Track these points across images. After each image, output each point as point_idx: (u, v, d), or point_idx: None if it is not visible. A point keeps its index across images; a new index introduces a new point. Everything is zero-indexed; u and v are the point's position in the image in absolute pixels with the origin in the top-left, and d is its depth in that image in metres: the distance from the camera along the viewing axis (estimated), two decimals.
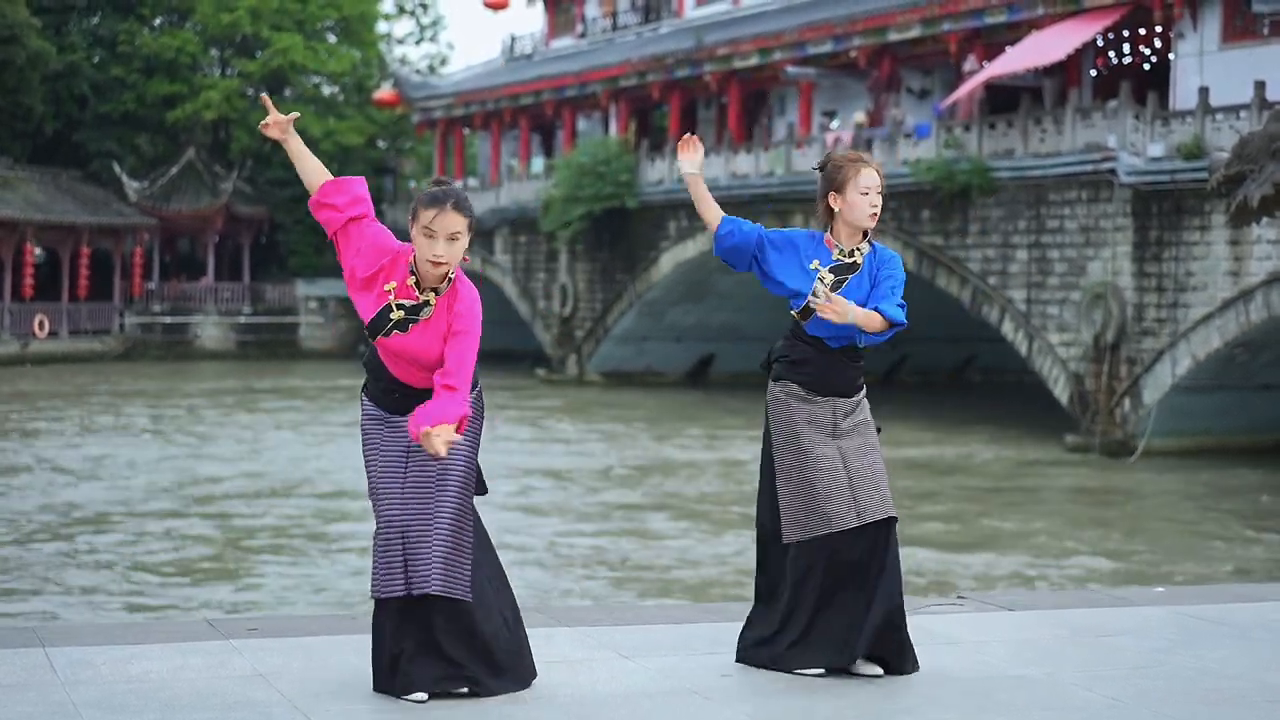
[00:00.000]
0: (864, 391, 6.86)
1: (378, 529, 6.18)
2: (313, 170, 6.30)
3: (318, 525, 22.07)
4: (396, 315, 6.13)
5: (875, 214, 6.74)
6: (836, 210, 6.74)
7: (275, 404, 40.90)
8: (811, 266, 6.71)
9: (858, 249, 6.76)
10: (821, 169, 6.85)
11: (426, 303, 6.13)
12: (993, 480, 27.73)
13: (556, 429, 35.07)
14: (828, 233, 6.80)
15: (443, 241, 6.05)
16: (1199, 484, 27.45)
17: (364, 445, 6.29)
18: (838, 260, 6.73)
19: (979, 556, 20.43)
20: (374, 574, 6.16)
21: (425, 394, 6.10)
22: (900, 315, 6.63)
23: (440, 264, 6.07)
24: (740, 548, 20.71)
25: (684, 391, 45.18)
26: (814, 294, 6.62)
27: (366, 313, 6.20)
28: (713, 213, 6.84)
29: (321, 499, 24.46)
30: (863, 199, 6.70)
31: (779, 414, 6.76)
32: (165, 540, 20.58)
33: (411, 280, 6.15)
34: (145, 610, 16.40)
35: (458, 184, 6.43)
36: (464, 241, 6.10)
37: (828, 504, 6.60)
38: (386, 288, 6.16)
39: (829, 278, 6.68)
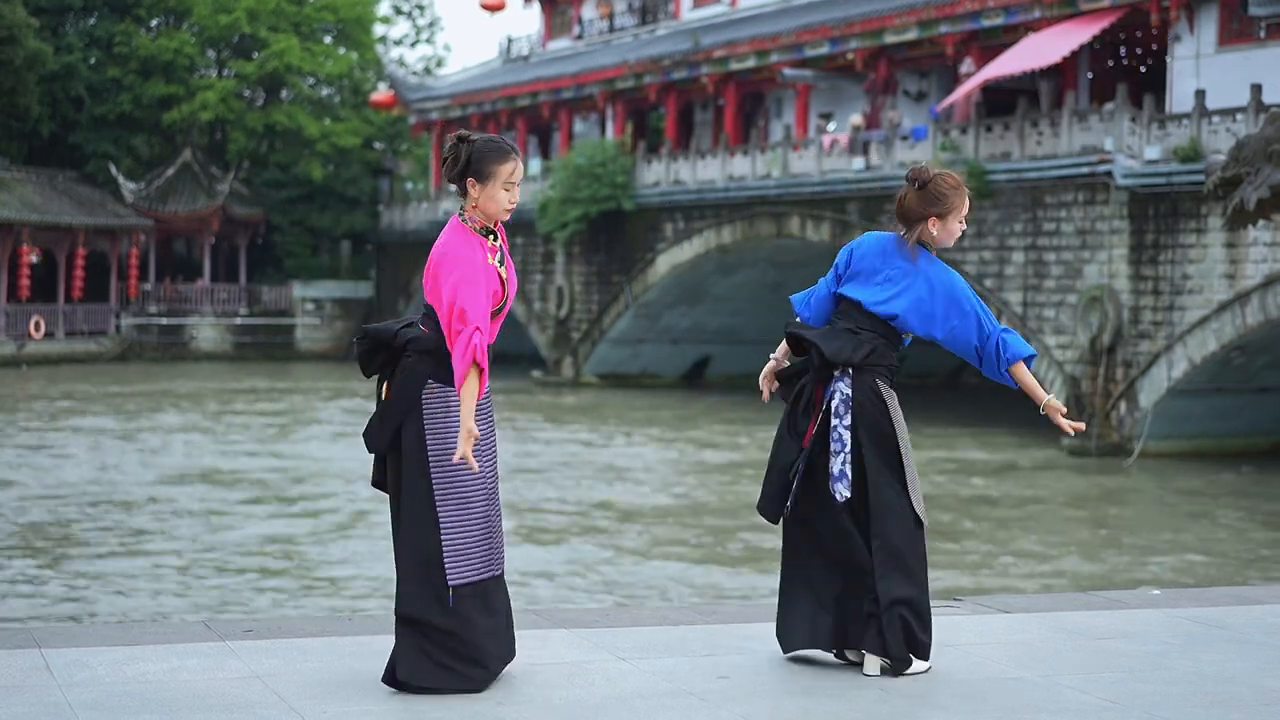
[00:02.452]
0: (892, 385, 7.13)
1: (485, 513, 6.26)
2: (475, 388, 6.15)
3: (304, 524, 22.07)
4: (502, 273, 6.33)
5: (953, 241, 7.06)
6: (934, 232, 6.89)
7: (271, 404, 40.92)
8: None
9: None
10: (920, 186, 6.87)
11: (502, 247, 6.39)
12: (988, 483, 27.74)
13: (552, 431, 35.06)
14: (912, 241, 6.93)
15: (515, 191, 6.31)
16: (1195, 487, 27.45)
17: (453, 433, 6.26)
18: None
19: (975, 559, 20.44)
20: (487, 555, 6.26)
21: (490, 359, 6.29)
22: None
23: (508, 212, 6.33)
24: (738, 551, 20.71)
25: (680, 394, 45.18)
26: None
27: (494, 296, 6.24)
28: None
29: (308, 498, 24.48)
30: (957, 226, 6.96)
31: (898, 417, 6.91)
32: (159, 541, 20.58)
33: (491, 240, 6.33)
34: (141, 612, 16.39)
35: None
36: None
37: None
38: (491, 262, 6.27)
39: None
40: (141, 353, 58.82)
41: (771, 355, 7.10)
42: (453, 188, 6.48)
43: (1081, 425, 7.15)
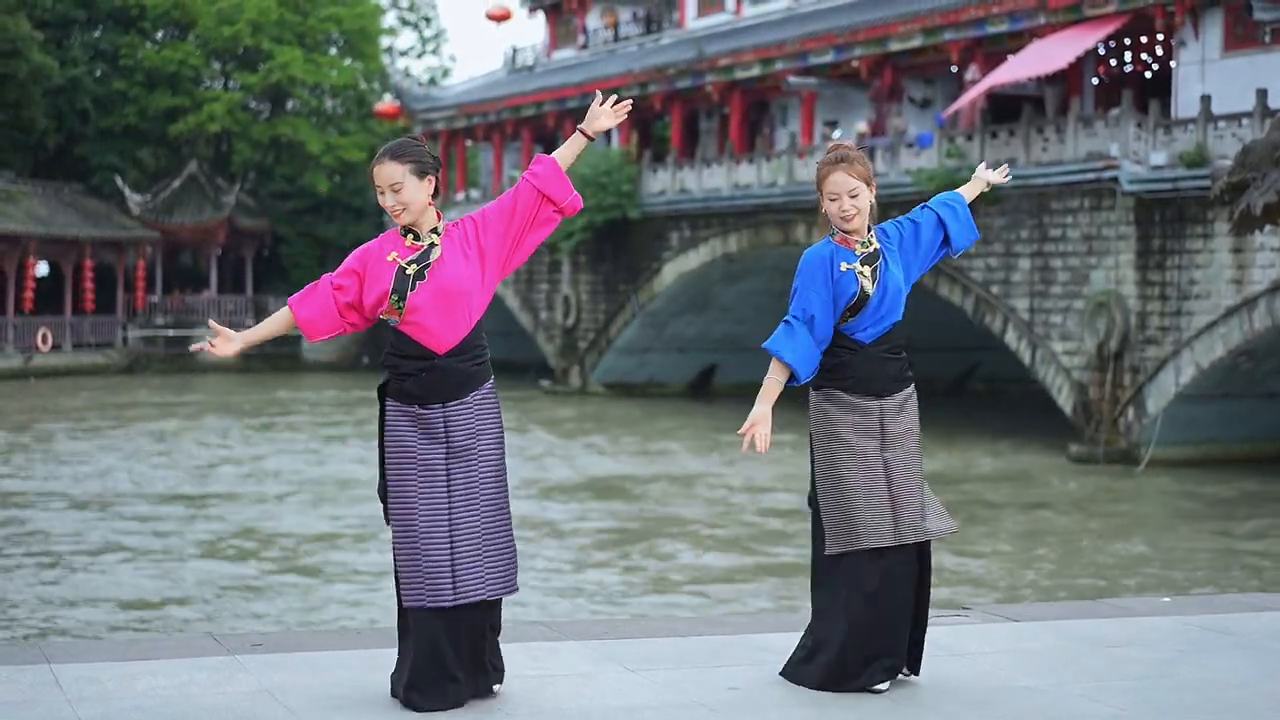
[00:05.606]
0: (911, 388, 6.74)
1: (414, 537, 6.12)
2: (279, 324, 6.32)
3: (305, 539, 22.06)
4: (412, 269, 6.20)
5: (847, 218, 6.65)
6: (824, 210, 6.74)
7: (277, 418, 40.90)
8: (844, 268, 6.62)
9: (870, 239, 6.72)
10: None
11: (432, 244, 6.25)
12: (996, 490, 27.70)
13: (559, 441, 35.05)
14: (836, 234, 6.75)
15: (390, 194, 6.20)
16: (1203, 493, 27.41)
17: (393, 449, 6.21)
18: (863, 253, 6.68)
19: (983, 567, 20.41)
20: (420, 583, 6.11)
21: (455, 366, 6.15)
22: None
23: (398, 215, 6.22)
24: (741, 561, 20.70)
25: (687, 402, 45.16)
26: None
27: (381, 289, 6.22)
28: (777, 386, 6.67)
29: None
30: (831, 204, 6.66)
31: (820, 424, 6.64)
32: (161, 554, 20.59)
33: (409, 239, 6.27)
34: (150, 626, 16.40)
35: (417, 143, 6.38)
36: (413, 188, 6.19)
37: (866, 518, 6.55)
38: (389, 258, 6.24)
39: (866, 270, 6.64)
40: (149, 365, 58.84)
41: None
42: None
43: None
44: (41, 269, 57.13)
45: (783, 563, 20.25)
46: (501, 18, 61.72)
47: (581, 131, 6.35)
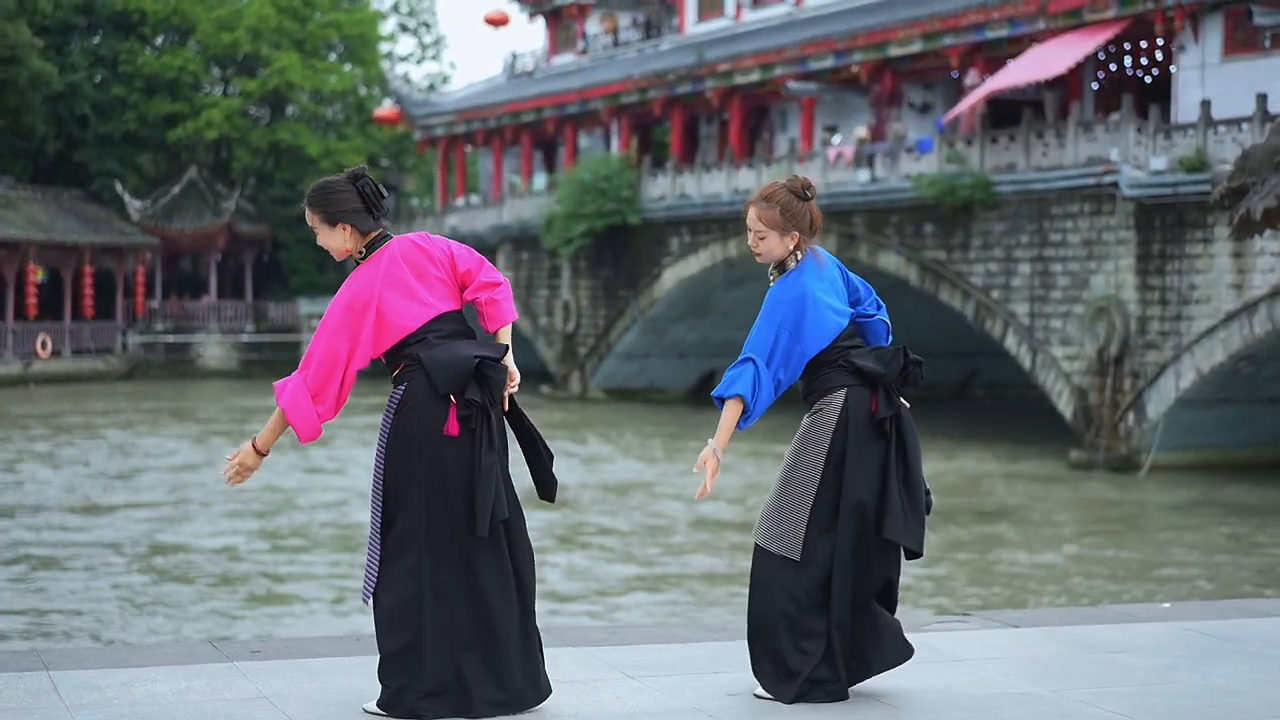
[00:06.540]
0: (809, 414, 6.73)
1: None
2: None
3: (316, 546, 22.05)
4: None
5: (756, 254, 6.95)
6: None
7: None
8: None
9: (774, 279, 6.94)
10: None
11: None
12: (996, 496, 27.68)
13: (559, 446, 35.03)
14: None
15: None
16: (1204, 499, 27.38)
17: None
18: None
19: (983, 573, 20.40)
20: None
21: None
22: (724, 388, 6.63)
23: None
24: (741, 568, 20.67)
25: (687, 408, 45.14)
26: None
27: None
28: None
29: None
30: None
31: (796, 442, 6.80)
32: (163, 561, 20.57)
33: None
34: (147, 632, 16.38)
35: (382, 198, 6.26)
36: (326, 235, 6.20)
37: None
38: None
39: None
40: (148, 371, 58.86)
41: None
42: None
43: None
44: (41, 275, 57.09)
45: None
46: (499, 22, 61.78)
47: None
